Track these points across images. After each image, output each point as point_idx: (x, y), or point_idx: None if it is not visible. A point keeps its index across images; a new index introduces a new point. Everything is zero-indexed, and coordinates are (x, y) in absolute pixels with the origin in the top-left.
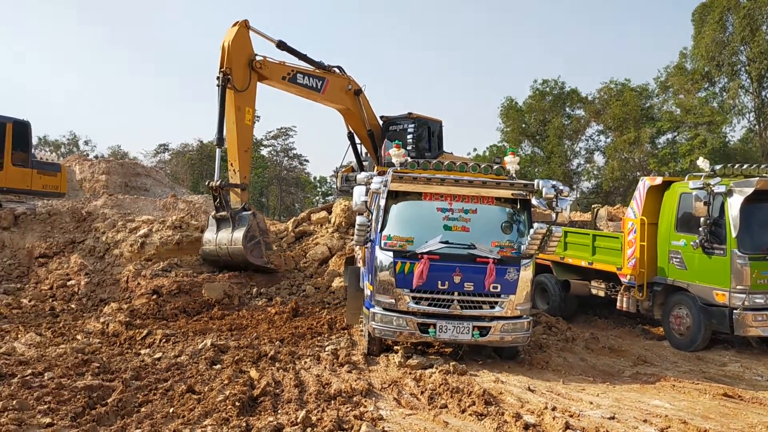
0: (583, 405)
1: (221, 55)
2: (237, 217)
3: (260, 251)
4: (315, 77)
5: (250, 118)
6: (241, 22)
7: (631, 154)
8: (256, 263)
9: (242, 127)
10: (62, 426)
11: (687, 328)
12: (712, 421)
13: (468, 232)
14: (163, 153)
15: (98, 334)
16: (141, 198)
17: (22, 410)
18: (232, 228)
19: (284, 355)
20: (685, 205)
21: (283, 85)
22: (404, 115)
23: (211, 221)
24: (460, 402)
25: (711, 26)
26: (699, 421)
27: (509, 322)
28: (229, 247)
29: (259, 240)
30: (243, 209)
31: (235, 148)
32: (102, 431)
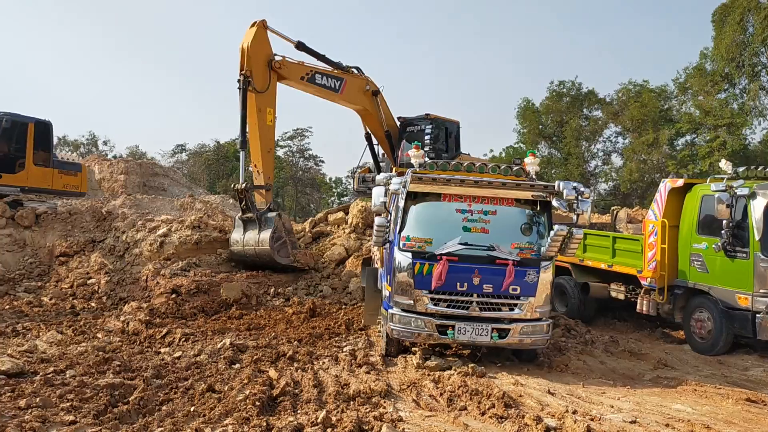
0: (603, 408)
1: (240, 57)
2: (263, 218)
3: (287, 251)
4: (333, 77)
5: (271, 119)
6: (258, 23)
7: (649, 156)
8: (283, 263)
9: (264, 128)
10: (85, 424)
11: (708, 331)
12: (736, 426)
13: (487, 233)
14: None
15: (118, 332)
16: (159, 198)
17: (45, 408)
18: (259, 229)
19: (302, 355)
20: (707, 207)
21: (302, 85)
22: (422, 116)
23: (237, 222)
24: (479, 404)
25: (731, 27)
26: (722, 426)
27: (528, 325)
28: (256, 248)
29: (285, 240)
30: (268, 210)
31: (258, 149)
32: (124, 429)
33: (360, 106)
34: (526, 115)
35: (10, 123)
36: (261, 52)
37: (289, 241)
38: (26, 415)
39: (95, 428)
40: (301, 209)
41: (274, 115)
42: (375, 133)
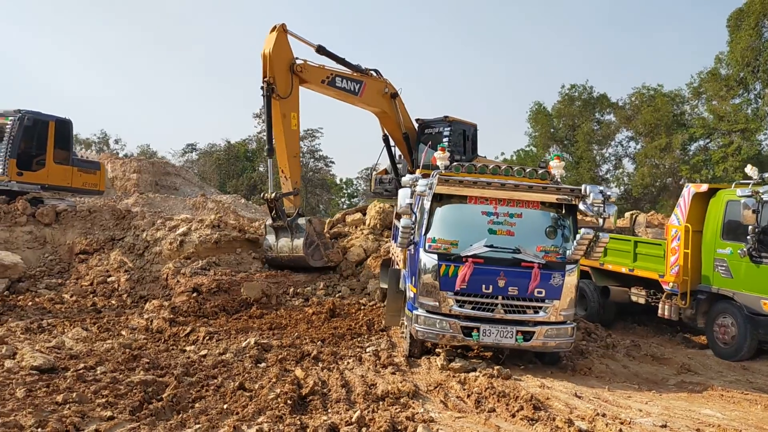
0: (632, 412)
1: (263, 63)
2: (294, 225)
3: (320, 254)
4: (353, 80)
5: (295, 123)
6: (278, 27)
7: (662, 161)
8: (317, 266)
9: (289, 133)
10: (122, 419)
11: (732, 337)
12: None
13: (513, 236)
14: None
15: (143, 330)
16: (171, 197)
17: (82, 403)
18: (291, 236)
19: (326, 355)
20: (731, 212)
21: (322, 88)
22: (440, 119)
23: (268, 228)
24: (507, 406)
25: (747, 32)
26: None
27: (553, 328)
28: (291, 254)
29: (317, 243)
30: (298, 215)
31: (284, 155)
32: (161, 426)
33: (378, 108)
34: (537, 118)
35: (31, 121)
36: (283, 57)
37: (321, 243)
38: (64, 410)
39: (133, 424)
40: (311, 210)
41: (298, 120)
42: (392, 135)
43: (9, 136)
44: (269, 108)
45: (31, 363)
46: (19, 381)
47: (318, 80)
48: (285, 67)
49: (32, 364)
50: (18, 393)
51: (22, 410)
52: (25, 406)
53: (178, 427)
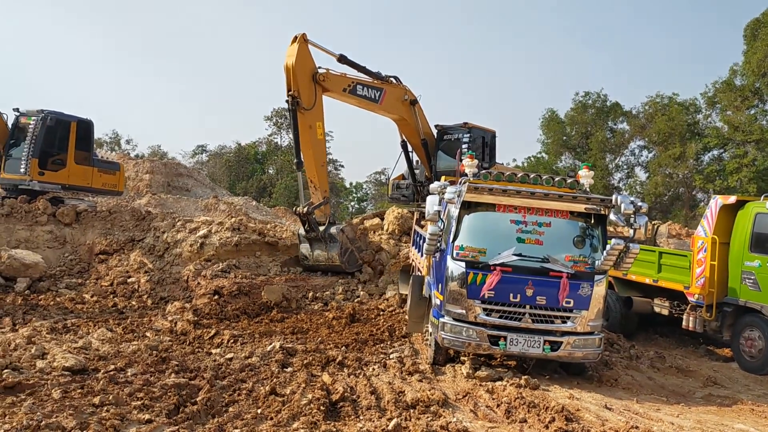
0: (665, 426)
1: (287, 76)
2: (327, 235)
3: (354, 258)
4: (373, 88)
5: (321, 132)
6: (300, 38)
7: (675, 170)
8: (352, 270)
9: (315, 143)
10: (161, 423)
11: (759, 350)
12: None
13: (541, 245)
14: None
15: (167, 332)
16: (183, 198)
17: (119, 405)
18: (325, 246)
19: (351, 361)
20: (761, 225)
21: (344, 96)
22: (459, 125)
23: (302, 238)
24: (539, 417)
25: (763, 41)
26: None
27: (581, 338)
28: (328, 264)
29: (351, 249)
30: (330, 223)
31: (312, 165)
32: (200, 430)
33: (397, 115)
34: (550, 125)
35: (54, 121)
36: (306, 68)
37: (355, 248)
38: (102, 412)
39: (172, 428)
40: None
41: (324, 128)
42: (411, 141)
43: (32, 136)
44: (295, 121)
45: (63, 364)
46: (53, 382)
47: (340, 89)
48: (308, 77)
49: (64, 365)
50: (54, 394)
51: (62, 412)
52: (65, 407)
53: (217, 431)
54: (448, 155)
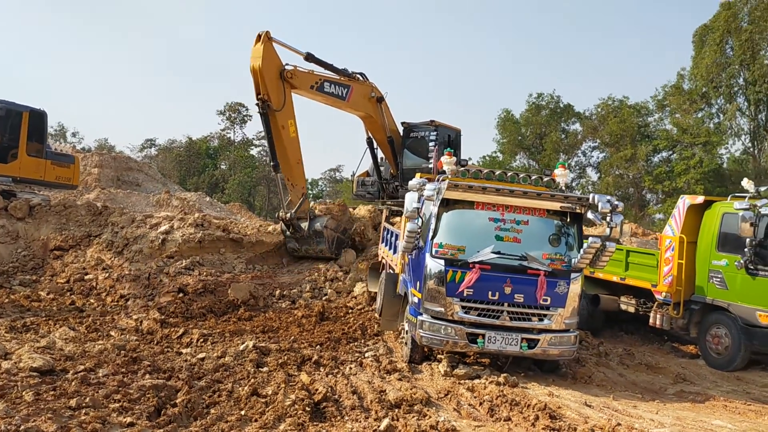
0: (645, 423)
1: (254, 79)
2: (312, 232)
3: (342, 242)
4: (341, 85)
5: (293, 130)
6: (264, 36)
7: (626, 171)
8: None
9: (289, 141)
10: (143, 426)
11: (725, 347)
12: None
13: (519, 243)
14: (150, 148)
15: (132, 331)
16: (134, 193)
17: (96, 408)
18: (313, 241)
19: (327, 360)
20: (727, 224)
21: (312, 94)
22: (426, 123)
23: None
24: (522, 415)
25: (711, 48)
26: None
27: (557, 336)
28: (319, 254)
29: (339, 237)
30: (311, 219)
31: (288, 164)
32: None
33: (365, 112)
34: (506, 125)
35: (4, 111)
36: (272, 67)
37: (340, 234)
38: (81, 415)
39: (158, 430)
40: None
41: (296, 126)
42: (377, 138)
43: None
44: (267, 124)
45: (30, 364)
46: (23, 384)
47: (307, 86)
48: (276, 76)
49: (31, 366)
50: (26, 396)
51: (39, 415)
52: (41, 410)
53: None
54: (414, 153)
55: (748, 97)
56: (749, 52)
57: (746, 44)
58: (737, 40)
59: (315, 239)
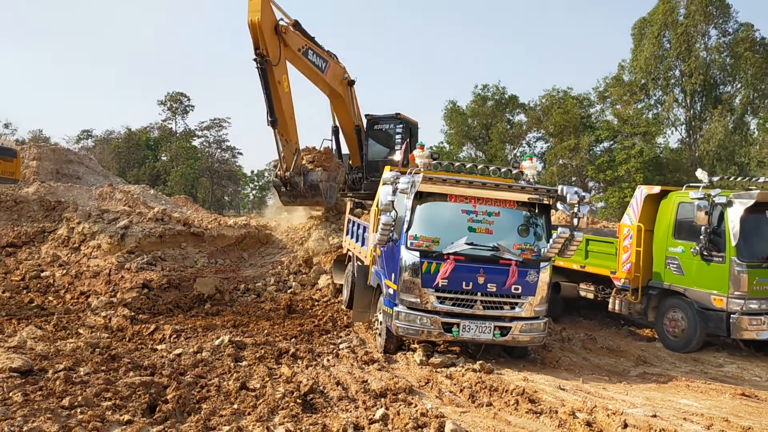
0: (618, 404)
1: (252, 33)
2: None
3: (335, 190)
4: (321, 58)
5: (287, 86)
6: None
7: (570, 160)
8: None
9: (284, 96)
10: (143, 423)
11: (682, 330)
12: (747, 419)
13: (491, 234)
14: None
15: (102, 328)
16: (75, 186)
17: (90, 407)
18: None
19: (303, 353)
20: (683, 213)
21: (296, 57)
22: (391, 116)
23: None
24: (503, 400)
25: (650, 41)
26: (737, 420)
27: (528, 323)
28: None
29: (332, 185)
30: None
31: (283, 119)
32: (184, 428)
33: (339, 91)
34: (452, 116)
35: None
36: (269, 21)
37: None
38: (78, 414)
39: (157, 427)
40: (216, 201)
41: (288, 81)
42: (344, 127)
43: None
44: (266, 79)
45: (9, 365)
46: (8, 385)
47: (296, 47)
48: (272, 30)
49: (11, 366)
50: (15, 397)
51: (38, 416)
52: (39, 411)
53: (205, 429)
54: (379, 144)
55: (684, 88)
56: (685, 45)
57: (682, 37)
58: (674, 34)
59: (311, 193)
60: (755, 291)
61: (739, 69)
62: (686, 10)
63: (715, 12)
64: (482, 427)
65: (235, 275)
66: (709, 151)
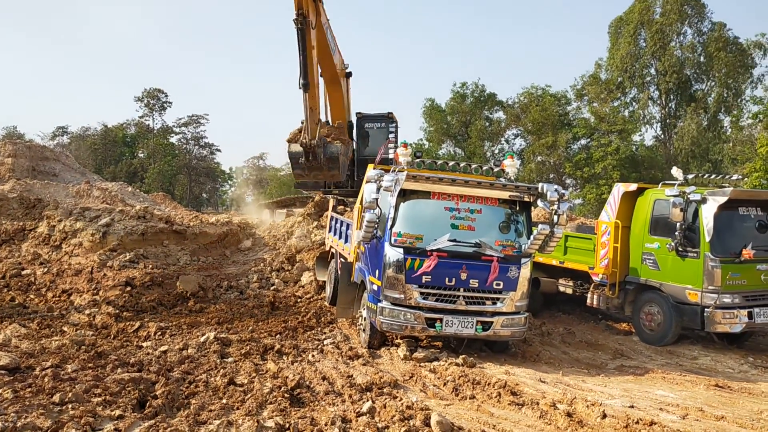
0: (597, 395)
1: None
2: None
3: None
4: (334, 39)
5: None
6: None
7: (548, 158)
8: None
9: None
10: (135, 418)
11: (658, 324)
12: (720, 409)
13: (473, 231)
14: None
15: (86, 326)
16: (51, 184)
17: (80, 402)
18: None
19: (288, 349)
20: (659, 210)
21: (321, 29)
22: (383, 115)
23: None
24: (486, 392)
25: (626, 39)
26: (711, 409)
27: (509, 318)
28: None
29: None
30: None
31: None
32: (177, 423)
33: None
34: (432, 114)
35: None
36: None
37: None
38: (70, 410)
39: (148, 422)
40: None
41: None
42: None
43: None
44: (304, 40)
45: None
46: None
47: (324, 19)
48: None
49: None
50: (5, 394)
51: (30, 412)
52: (30, 407)
53: (195, 423)
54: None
55: (659, 86)
56: (660, 43)
57: (657, 36)
58: (649, 32)
59: (328, 165)
60: (728, 285)
61: (713, 68)
62: (662, 8)
63: (690, 11)
64: (466, 418)
65: (217, 273)
66: (683, 148)
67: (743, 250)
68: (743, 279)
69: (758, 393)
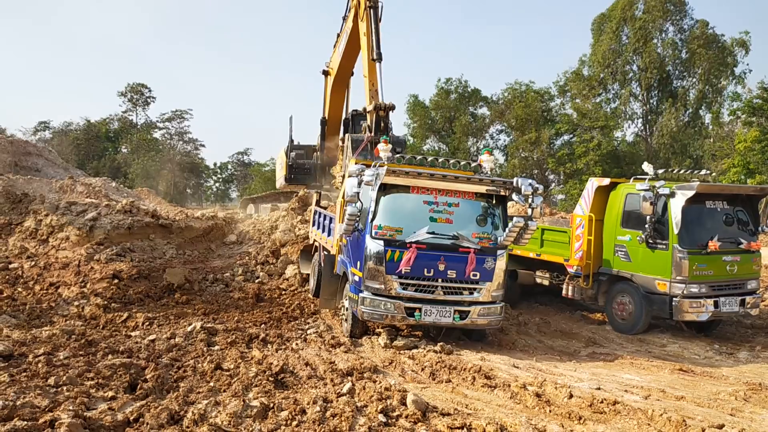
0: (566, 378)
1: None
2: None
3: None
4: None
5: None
6: None
7: (531, 153)
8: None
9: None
10: (127, 399)
11: (629, 313)
12: (681, 390)
13: (451, 223)
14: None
15: (75, 317)
16: (35, 179)
17: (75, 385)
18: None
19: (273, 338)
20: (630, 203)
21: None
22: None
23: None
24: (461, 377)
25: (608, 36)
26: (673, 390)
27: (485, 307)
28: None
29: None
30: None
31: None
32: (167, 402)
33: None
34: (415, 110)
35: None
36: None
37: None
38: (65, 391)
39: (139, 402)
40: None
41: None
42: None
43: None
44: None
45: None
46: None
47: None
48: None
49: None
50: (1, 378)
51: (28, 392)
52: (28, 389)
53: (185, 403)
54: None
55: (641, 82)
56: (642, 40)
57: (639, 32)
58: (632, 29)
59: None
60: (695, 276)
61: (694, 64)
62: (645, 5)
63: (672, 8)
64: (441, 399)
65: (203, 266)
66: (663, 144)
67: (710, 242)
68: (710, 270)
69: (719, 376)
